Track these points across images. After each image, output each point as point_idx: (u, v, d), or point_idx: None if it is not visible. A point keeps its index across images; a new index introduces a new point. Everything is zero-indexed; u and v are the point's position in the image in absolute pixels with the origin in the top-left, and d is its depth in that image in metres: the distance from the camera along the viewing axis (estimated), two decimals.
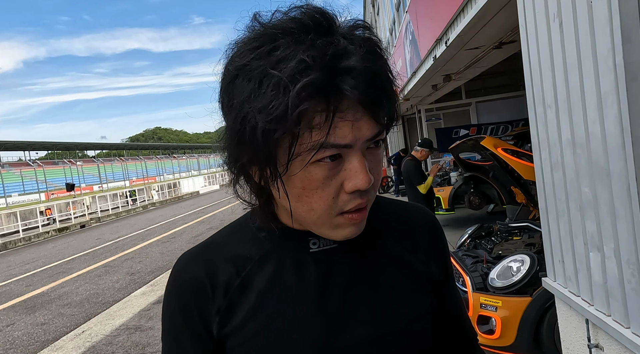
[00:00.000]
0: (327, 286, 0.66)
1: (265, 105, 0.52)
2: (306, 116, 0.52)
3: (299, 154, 0.55)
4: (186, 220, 16.73)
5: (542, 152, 2.26)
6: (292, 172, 0.57)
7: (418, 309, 0.69)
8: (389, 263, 0.70)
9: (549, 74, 2.06)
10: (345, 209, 0.59)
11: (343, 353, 0.64)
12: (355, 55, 0.53)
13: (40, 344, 5.26)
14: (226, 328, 0.65)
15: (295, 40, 0.53)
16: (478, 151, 4.45)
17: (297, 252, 0.67)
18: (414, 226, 0.76)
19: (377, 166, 0.61)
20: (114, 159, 54.85)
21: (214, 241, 0.72)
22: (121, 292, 7.17)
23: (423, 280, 0.72)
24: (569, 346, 2.30)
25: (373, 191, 0.62)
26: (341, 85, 0.52)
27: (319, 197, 0.58)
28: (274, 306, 0.65)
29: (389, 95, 0.57)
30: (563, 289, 2.21)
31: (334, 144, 0.54)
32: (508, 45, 4.25)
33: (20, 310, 6.89)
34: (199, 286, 0.66)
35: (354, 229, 0.62)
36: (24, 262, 11.85)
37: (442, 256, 0.77)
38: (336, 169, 0.57)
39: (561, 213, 2.14)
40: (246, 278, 0.66)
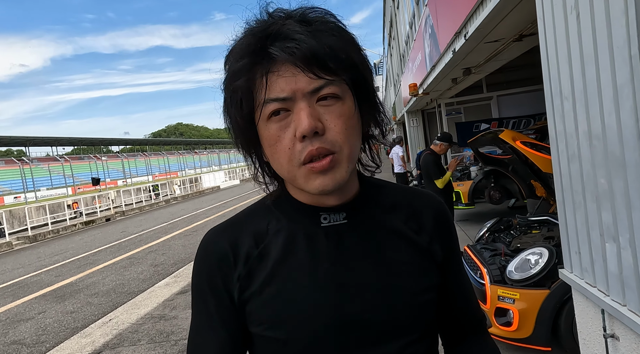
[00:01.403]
0: (336, 257, 0.72)
1: (224, 80, 0.69)
2: (250, 78, 0.65)
3: (256, 112, 0.66)
4: (207, 214, 17.00)
5: (559, 144, 2.27)
6: (260, 136, 0.69)
7: (422, 283, 0.74)
8: (394, 239, 0.75)
9: (566, 66, 2.07)
10: (302, 159, 0.64)
11: (349, 317, 0.70)
12: (289, 26, 0.63)
13: (70, 331, 5.48)
14: (246, 293, 0.73)
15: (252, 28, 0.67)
16: (497, 145, 4.44)
17: (309, 226, 0.74)
18: (420, 209, 0.80)
19: (335, 118, 0.65)
20: (137, 155, 55.96)
21: (236, 218, 0.81)
22: (145, 283, 7.39)
23: (427, 257, 0.77)
24: (585, 336, 2.32)
25: (332, 141, 0.64)
26: (269, 46, 0.63)
27: (279, 150, 0.66)
28: (287, 273, 0.72)
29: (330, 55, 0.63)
30: (579, 280, 2.23)
31: (274, 98, 0.64)
32: (528, 38, 4.20)
33: (51, 299, 7.17)
34: (223, 256, 0.75)
35: (323, 180, 0.66)
36: (53, 254, 12.27)
37: (448, 239, 0.81)
38: (286, 120, 0.65)
39: (578, 205, 2.15)
40: (264, 249, 0.74)
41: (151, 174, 47.83)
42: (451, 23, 4.69)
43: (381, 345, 0.71)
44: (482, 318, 0.89)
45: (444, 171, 5.28)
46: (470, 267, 3.70)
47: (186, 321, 5.18)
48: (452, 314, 0.85)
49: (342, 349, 0.70)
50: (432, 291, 0.76)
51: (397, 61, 17.98)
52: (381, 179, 0.85)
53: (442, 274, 0.79)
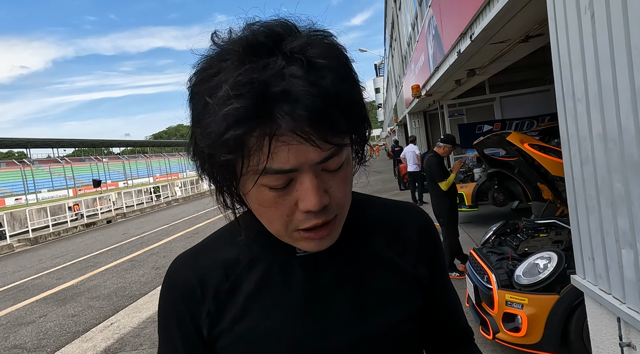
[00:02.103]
0: (312, 289, 0.67)
1: (204, 131, 0.53)
2: (244, 142, 0.52)
3: (246, 174, 0.55)
4: (209, 216, 16.94)
5: (571, 147, 2.22)
6: (246, 191, 0.58)
7: (404, 313, 0.70)
8: (376, 266, 0.70)
9: (579, 67, 2.02)
10: (300, 228, 0.59)
11: (330, 353, 0.65)
12: (293, 77, 0.51)
13: (71, 335, 5.43)
14: (215, 330, 0.68)
15: (238, 62, 0.52)
16: (503, 147, 4.38)
17: (284, 256, 0.69)
18: (404, 226, 0.75)
19: (340, 185, 0.59)
20: (138, 156, 56.00)
21: (205, 245, 0.74)
22: (147, 286, 7.34)
23: (411, 283, 0.72)
24: (599, 344, 2.26)
25: (335, 209, 0.60)
26: (274, 112, 0.50)
27: (273, 214, 0.59)
28: (260, 308, 0.67)
29: (342, 112, 0.53)
30: (593, 286, 2.17)
31: (277, 170, 0.53)
32: (535, 39, 4.16)
33: (52, 302, 7.12)
34: (189, 290, 0.68)
35: (318, 244, 0.61)
36: (54, 256, 12.22)
37: (434, 256, 0.76)
38: (288, 188, 0.56)
39: (591, 209, 2.10)
40: (235, 282, 0.68)
41: (152, 176, 47.82)
42: (456, 24, 4.64)
43: None
44: (471, 333, 0.86)
45: (447, 173, 5.22)
46: (477, 271, 3.65)
47: None
48: (439, 334, 0.82)
49: None
50: (416, 320, 0.72)
51: (399, 62, 17.95)
52: (362, 194, 0.78)
53: (428, 294, 0.75)
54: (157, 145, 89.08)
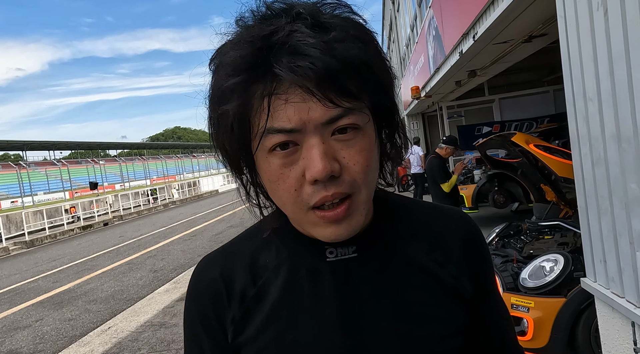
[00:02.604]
0: (344, 299, 0.61)
1: (210, 94, 0.55)
2: (245, 100, 0.51)
3: (254, 140, 0.53)
4: (206, 218, 16.88)
5: (582, 147, 2.17)
6: (258, 165, 0.56)
7: (446, 329, 0.62)
8: (414, 275, 0.63)
9: (591, 66, 1.98)
10: (311, 204, 0.53)
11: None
12: (295, 32, 0.49)
13: (68, 339, 5.35)
14: (240, 338, 0.63)
15: (247, 28, 0.52)
16: (507, 148, 4.35)
17: (313, 261, 0.63)
18: (446, 234, 0.67)
19: (355, 155, 0.53)
20: (134, 159, 55.87)
21: (232, 246, 0.70)
22: (145, 289, 7.26)
23: (453, 297, 0.64)
24: (610, 349, 2.22)
25: (350, 183, 0.53)
26: (272, 62, 0.48)
27: (282, 189, 0.54)
28: (287, 318, 0.62)
29: (350, 71, 0.50)
30: (605, 290, 2.13)
31: (278, 129, 0.50)
32: (538, 39, 4.13)
33: (48, 306, 7.03)
34: (216, 292, 0.65)
35: (336, 230, 0.55)
36: (50, 259, 12.11)
37: (480, 269, 0.68)
38: (293, 156, 0.52)
39: (603, 211, 2.05)
40: (262, 288, 0.64)
41: (149, 178, 47.67)
42: (458, 24, 4.61)
43: None
44: (520, 351, 0.77)
45: (450, 175, 5.19)
46: None
47: None
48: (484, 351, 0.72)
49: None
50: (459, 337, 0.63)
51: (397, 64, 17.95)
52: (401, 197, 0.72)
53: (473, 311, 0.67)
54: (153, 147, 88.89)
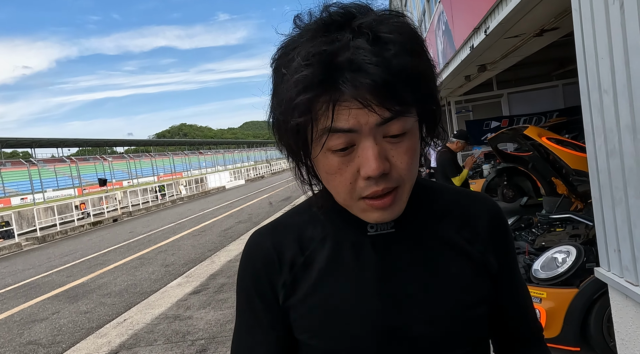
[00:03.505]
0: (383, 268, 0.69)
1: (279, 99, 0.60)
2: (312, 107, 0.57)
3: (315, 140, 0.60)
4: (215, 214, 17.01)
5: (596, 139, 2.21)
6: (314, 156, 0.63)
7: (474, 297, 0.70)
8: (445, 250, 0.71)
9: (606, 58, 2.01)
10: (363, 195, 0.61)
11: (394, 330, 0.67)
12: (358, 48, 0.55)
13: (85, 331, 5.47)
14: (290, 300, 0.71)
15: (311, 37, 0.58)
16: (518, 141, 4.38)
17: (355, 235, 0.71)
18: (474, 215, 0.75)
19: (402, 155, 0.60)
20: (142, 155, 56.24)
21: (281, 221, 0.78)
22: (157, 283, 7.38)
23: (480, 269, 0.72)
24: (624, 336, 2.26)
25: (397, 179, 0.61)
26: (338, 79, 0.55)
27: (338, 181, 0.62)
28: (333, 283, 0.69)
29: (405, 83, 0.56)
30: (619, 278, 2.17)
31: (338, 129, 0.57)
32: (549, 33, 4.15)
33: (64, 299, 7.17)
34: (269, 259, 0.73)
35: (381, 215, 0.63)
36: (62, 255, 12.29)
37: (504, 248, 0.76)
38: (350, 155, 0.60)
39: (618, 201, 2.09)
40: (309, 257, 0.72)
41: (156, 175, 47.94)
42: (469, 18, 4.63)
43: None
44: (539, 330, 0.84)
45: (460, 169, 5.22)
46: None
47: (201, 321, 5.15)
48: (507, 326, 0.81)
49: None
50: (484, 305, 0.71)
51: None
52: (431, 181, 0.81)
53: (496, 285, 0.74)
54: (160, 144, 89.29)
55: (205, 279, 7.14)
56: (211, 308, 5.61)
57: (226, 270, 7.56)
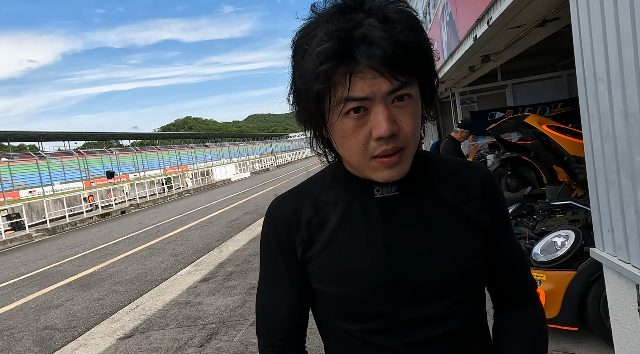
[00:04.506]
0: (389, 225, 0.80)
1: (302, 71, 0.71)
2: (331, 77, 0.68)
3: (332, 107, 0.70)
4: (221, 206, 17.17)
5: (592, 125, 2.31)
6: (331, 123, 0.73)
7: (468, 250, 0.81)
8: (443, 209, 0.82)
9: (601, 47, 2.11)
10: (374, 154, 0.72)
11: (398, 278, 0.78)
12: (370, 26, 0.66)
13: (99, 316, 5.65)
14: (307, 254, 0.83)
15: (329, 18, 0.69)
16: (520, 130, 4.46)
17: (364, 197, 0.83)
18: (468, 180, 0.85)
19: (407, 119, 0.71)
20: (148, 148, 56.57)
21: (299, 188, 0.90)
22: (167, 271, 7.55)
23: (474, 226, 0.82)
24: (617, 312, 2.37)
25: (403, 140, 0.71)
26: (354, 51, 0.66)
27: (352, 143, 0.72)
28: (344, 238, 0.81)
29: (409, 55, 0.67)
30: (612, 257, 2.28)
31: (354, 98, 0.68)
32: (551, 23, 4.21)
33: (77, 287, 7.36)
34: (288, 220, 0.84)
35: (390, 172, 0.73)
36: (72, 245, 12.52)
37: (496, 208, 0.85)
38: (363, 119, 0.70)
39: (611, 184, 2.19)
40: (323, 217, 0.83)
41: (162, 168, 48.26)
42: (472, 9, 4.70)
43: (428, 304, 0.79)
44: (530, 286, 0.93)
45: (464, 158, 5.31)
46: None
47: (211, 307, 5.31)
48: (499, 279, 0.90)
49: (392, 306, 0.79)
50: (478, 258, 0.82)
51: None
52: (431, 152, 0.92)
53: (489, 242, 0.85)
54: (166, 137, 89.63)
55: (214, 268, 7.30)
56: (220, 295, 5.77)
57: (234, 259, 7.71)
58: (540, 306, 0.93)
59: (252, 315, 4.84)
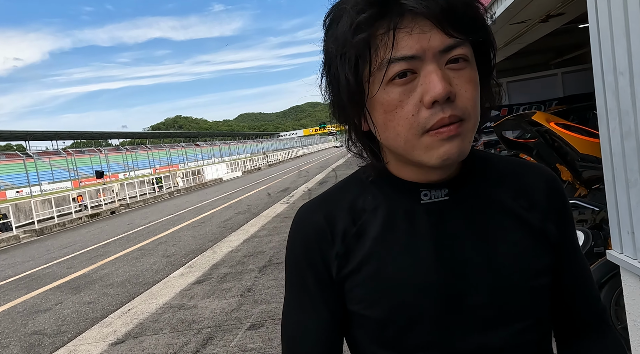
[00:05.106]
0: (439, 236, 0.67)
1: (337, 35, 0.60)
2: (371, 34, 0.57)
3: (373, 73, 0.59)
4: (213, 205, 16.98)
5: (610, 122, 2.21)
6: (372, 95, 0.61)
7: (535, 265, 0.67)
8: (502, 217, 0.68)
9: (622, 39, 2.01)
10: (428, 127, 0.58)
11: (453, 299, 0.65)
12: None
13: (90, 321, 5.47)
14: (343, 271, 0.69)
15: None
16: (523, 127, 4.38)
17: (409, 203, 0.69)
18: (530, 184, 0.72)
19: (465, 84, 0.59)
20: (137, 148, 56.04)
21: (330, 193, 0.76)
22: (159, 273, 7.38)
23: (540, 238, 0.69)
24: (635, 318, 2.28)
25: (462, 108, 0.59)
26: (397, 2, 0.55)
27: (399, 117, 0.59)
28: (386, 252, 0.68)
29: (461, 11, 0.57)
30: (632, 260, 2.18)
31: (400, 57, 0.56)
32: (555, 19, 4.13)
33: (66, 290, 7.16)
34: (320, 231, 0.71)
35: (448, 148, 0.59)
36: (61, 247, 12.26)
37: (563, 217, 0.72)
38: (411, 84, 0.58)
39: (632, 183, 2.10)
40: (361, 227, 0.70)
41: (153, 167, 47.78)
42: None
43: (487, 331, 0.65)
44: (602, 311, 0.78)
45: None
46: None
47: (206, 310, 5.17)
48: (565, 302, 0.75)
49: (445, 333, 0.65)
50: (546, 275, 0.68)
51: None
52: (484, 151, 0.79)
53: (557, 254, 0.71)
54: (156, 136, 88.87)
55: (207, 269, 7.14)
56: (215, 297, 5.63)
57: (228, 260, 7.56)
58: (617, 338, 0.77)
59: (248, 319, 4.71)
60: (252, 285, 5.90)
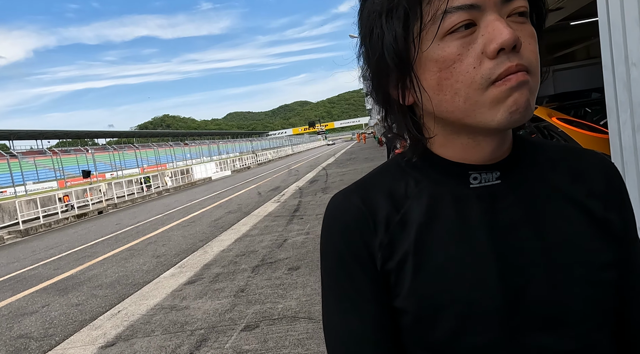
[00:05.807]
0: (492, 224, 0.60)
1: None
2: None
3: (426, 28, 0.54)
4: (203, 205, 16.80)
5: (621, 114, 2.16)
6: (424, 52, 0.55)
7: (600, 258, 0.59)
8: (560, 203, 0.61)
9: (636, 29, 1.95)
10: (494, 77, 0.52)
11: (512, 295, 0.57)
12: None
13: (78, 324, 5.32)
14: (389, 263, 0.61)
15: None
16: None
17: (456, 187, 0.62)
18: (587, 169, 0.65)
19: (529, 37, 0.54)
20: (125, 147, 55.37)
21: (367, 179, 0.68)
22: (150, 274, 7.23)
23: (603, 228, 0.61)
24: None
25: (528, 59, 0.53)
26: None
27: (458, 73, 0.53)
28: (435, 241, 0.60)
29: None
30: None
31: (459, 6, 0.51)
32: (553, 13, 4.09)
33: (53, 292, 6.97)
34: (361, 218, 0.63)
35: (517, 96, 0.52)
36: (47, 248, 12.00)
37: (624, 205, 0.65)
38: (470, 37, 0.53)
39: None
40: (405, 215, 0.62)
41: (140, 167, 47.22)
42: None
43: (553, 332, 0.57)
44: None
45: None
46: None
47: (199, 311, 5.04)
48: (628, 303, 0.64)
49: (506, 334, 0.57)
50: (613, 269, 0.60)
51: None
52: (535, 138, 0.72)
53: (622, 248, 0.62)
54: (143, 136, 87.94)
55: (199, 270, 7.00)
56: (208, 298, 5.50)
57: (220, 260, 7.43)
58: None
59: (242, 319, 4.60)
60: (245, 285, 5.79)
